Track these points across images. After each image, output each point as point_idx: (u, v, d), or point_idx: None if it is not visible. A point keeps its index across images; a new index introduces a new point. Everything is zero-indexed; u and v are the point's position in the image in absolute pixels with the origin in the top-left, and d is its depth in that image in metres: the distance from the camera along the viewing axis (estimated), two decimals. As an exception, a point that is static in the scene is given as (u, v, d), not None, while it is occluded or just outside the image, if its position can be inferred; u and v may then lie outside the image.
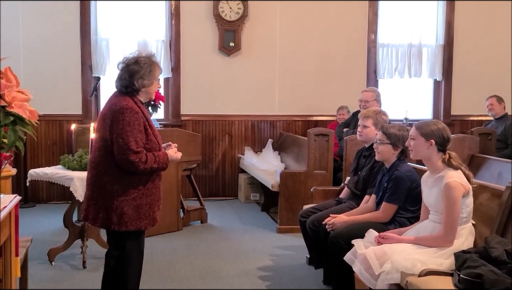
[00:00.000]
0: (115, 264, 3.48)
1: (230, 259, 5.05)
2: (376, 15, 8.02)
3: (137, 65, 3.40)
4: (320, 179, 5.96)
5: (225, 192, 7.80)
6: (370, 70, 8.05)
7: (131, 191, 3.35)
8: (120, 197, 3.33)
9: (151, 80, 3.44)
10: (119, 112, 3.30)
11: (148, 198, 3.41)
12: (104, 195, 3.35)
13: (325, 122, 7.78)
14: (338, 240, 3.78)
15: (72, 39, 7.38)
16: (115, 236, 3.46)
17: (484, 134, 6.29)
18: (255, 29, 7.75)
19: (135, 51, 3.53)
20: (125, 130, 3.27)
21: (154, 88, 3.51)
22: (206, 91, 7.63)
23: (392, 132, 3.92)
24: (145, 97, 3.50)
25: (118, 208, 3.33)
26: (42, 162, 7.16)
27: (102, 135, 3.39)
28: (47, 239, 5.44)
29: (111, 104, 3.40)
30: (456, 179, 3.22)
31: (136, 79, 3.39)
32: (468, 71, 8.22)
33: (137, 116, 3.32)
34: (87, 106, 7.44)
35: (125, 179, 3.34)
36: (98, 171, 3.39)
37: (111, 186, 3.34)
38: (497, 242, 3.00)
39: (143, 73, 3.39)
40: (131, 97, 3.40)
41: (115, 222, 3.34)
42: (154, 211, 3.47)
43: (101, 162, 3.39)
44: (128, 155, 3.27)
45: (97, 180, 3.39)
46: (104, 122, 3.38)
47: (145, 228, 3.46)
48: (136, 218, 3.37)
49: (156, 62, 3.50)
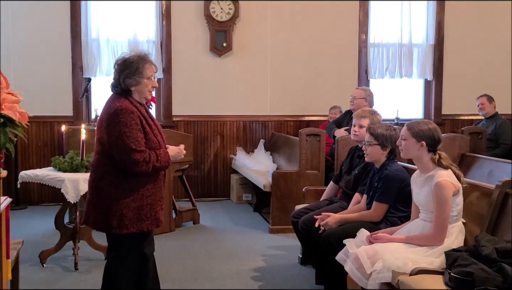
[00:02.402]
0: (109, 264, 3.46)
1: (222, 259, 5.05)
2: (367, 15, 8.04)
3: (123, 64, 3.34)
4: (312, 179, 5.97)
5: (217, 192, 7.79)
6: (362, 70, 8.07)
7: (130, 194, 3.30)
8: (119, 201, 3.28)
9: (139, 78, 3.34)
10: (114, 114, 3.25)
11: (148, 198, 3.36)
12: (102, 199, 3.32)
13: (316, 122, 7.79)
14: (330, 240, 3.79)
15: (63, 40, 7.35)
16: (116, 239, 3.41)
17: (474, 133, 6.32)
18: (247, 29, 7.76)
19: (130, 51, 3.48)
20: (123, 131, 3.22)
21: (144, 87, 3.38)
22: (197, 91, 7.63)
23: (379, 133, 3.92)
24: (139, 97, 3.39)
25: (118, 211, 3.28)
26: (33, 164, 7.14)
27: (100, 138, 3.35)
28: (38, 241, 5.42)
29: (107, 107, 3.35)
30: (447, 178, 3.24)
31: (121, 78, 3.33)
32: (458, 70, 8.26)
33: (133, 116, 3.26)
34: (78, 108, 7.41)
35: (122, 183, 3.29)
36: (96, 175, 3.37)
37: (108, 190, 3.30)
38: (487, 240, 3.02)
39: (128, 72, 3.32)
40: (126, 98, 3.33)
41: (115, 226, 3.29)
42: (157, 212, 3.41)
43: (98, 166, 3.36)
44: (131, 155, 3.22)
45: (96, 184, 3.36)
46: (101, 125, 3.34)
47: (148, 229, 3.40)
48: (137, 220, 3.32)
49: (146, 60, 3.38)
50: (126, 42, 7.45)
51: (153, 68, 3.43)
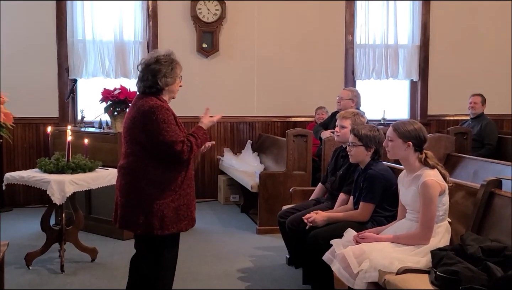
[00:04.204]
0: (149, 269, 3.43)
1: (210, 260, 5.04)
2: (353, 16, 8.08)
3: (158, 64, 3.36)
4: (299, 179, 5.98)
5: (205, 193, 7.77)
6: (348, 71, 8.10)
7: (168, 194, 3.33)
8: (159, 201, 3.31)
9: (174, 77, 3.42)
10: (149, 111, 3.27)
11: (184, 198, 3.41)
12: (143, 201, 3.31)
13: (303, 122, 7.80)
14: (317, 240, 3.80)
15: (48, 41, 7.30)
16: (155, 241, 3.40)
17: (460, 133, 6.37)
18: (233, 30, 7.76)
19: (153, 51, 3.51)
20: (161, 127, 3.26)
21: (177, 86, 3.48)
22: (184, 92, 7.48)
23: (363, 134, 3.95)
24: (169, 96, 3.48)
25: (159, 212, 3.30)
26: (19, 166, 7.07)
27: (134, 139, 3.35)
28: (24, 243, 5.37)
29: (138, 106, 3.34)
30: (433, 177, 3.27)
31: (159, 78, 3.35)
32: (444, 71, 8.33)
33: (168, 113, 3.32)
34: (64, 109, 7.36)
35: (163, 183, 3.32)
36: (134, 177, 3.34)
37: (149, 190, 3.31)
38: (473, 239, 3.05)
39: (165, 71, 3.37)
40: (156, 97, 3.37)
41: (157, 227, 3.31)
42: (192, 211, 3.48)
43: (136, 168, 3.34)
44: (175, 148, 3.27)
45: (134, 186, 3.35)
46: (134, 125, 3.33)
47: (186, 229, 3.46)
48: (176, 220, 3.37)
49: (176, 59, 3.46)
50: (112, 43, 7.41)
51: (181, 68, 3.50)
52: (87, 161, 4.80)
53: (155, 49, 3.58)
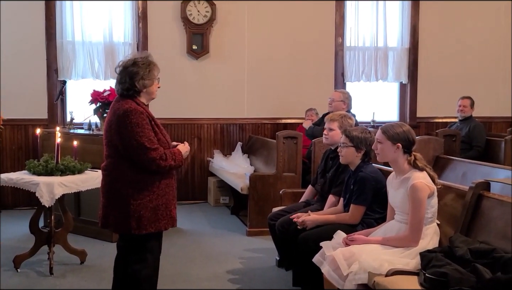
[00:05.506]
0: (131, 269, 3.46)
1: (200, 262, 5.04)
2: (343, 18, 8.10)
3: (135, 66, 3.39)
4: (289, 181, 5.98)
5: (195, 195, 7.77)
6: (338, 73, 8.13)
7: (146, 194, 3.36)
8: (136, 201, 3.34)
9: (152, 79, 3.44)
10: (124, 115, 3.30)
11: (163, 198, 3.43)
12: (120, 201, 3.36)
13: (293, 124, 7.82)
14: (307, 242, 3.81)
15: (37, 42, 7.25)
16: (134, 241, 3.44)
17: (448, 135, 6.40)
18: (223, 32, 7.75)
19: (130, 54, 3.53)
20: (135, 131, 3.28)
21: (154, 88, 3.50)
22: (174, 94, 7.58)
23: (354, 135, 3.98)
24: (147, 98, 3.49)
25: (136, 212, 3.34)
26: (7, 168, 7.01)
27: (111, 141, 3.39)
28: (12, 246, 5.34)
29: (114, 109, 3.39)
30: (422, 180, 3.29)
31: (137, 80, 3.38)
32: (433, 74, 8.38)
33: (143, 116, 3.32)
34: (53, 110, 7.32)
35: (139, 183, 3.35)
36: (111, 178, 3.40)
37: (125, 191, 3.34)
38: (462, 241, 3.07)
39: (143, 73, 3.39)
40: (132, 100, 3.39)
41: (134, 227, 3.35)
42: (171, 211, 3.50)
43: (113, 169, 3.40)
44: (148, 154, 3.28)
45: (112, 187, 3.40)
46: (110, 128, 3.38)
47: (165, 228, 3.49)
48: (155, 220, 3.40)
49: (153, 61, 3.49)
50: (102, 44, 7.39)
51: (159, 69, 3.53)
52: (76, 163, 4.78)
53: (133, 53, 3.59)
